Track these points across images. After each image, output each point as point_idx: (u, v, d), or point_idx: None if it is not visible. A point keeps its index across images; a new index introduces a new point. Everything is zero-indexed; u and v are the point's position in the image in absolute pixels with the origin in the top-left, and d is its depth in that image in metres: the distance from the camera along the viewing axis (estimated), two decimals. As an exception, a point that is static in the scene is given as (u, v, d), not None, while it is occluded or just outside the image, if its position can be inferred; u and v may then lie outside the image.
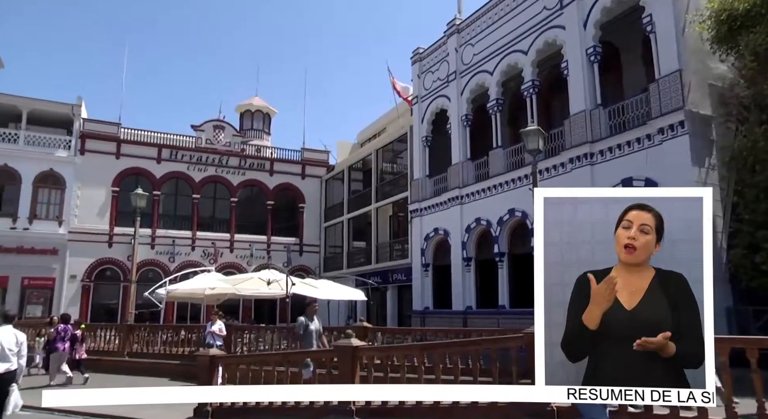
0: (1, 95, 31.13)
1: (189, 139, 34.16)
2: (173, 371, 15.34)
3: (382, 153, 31.23)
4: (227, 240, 33.67)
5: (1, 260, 28.35)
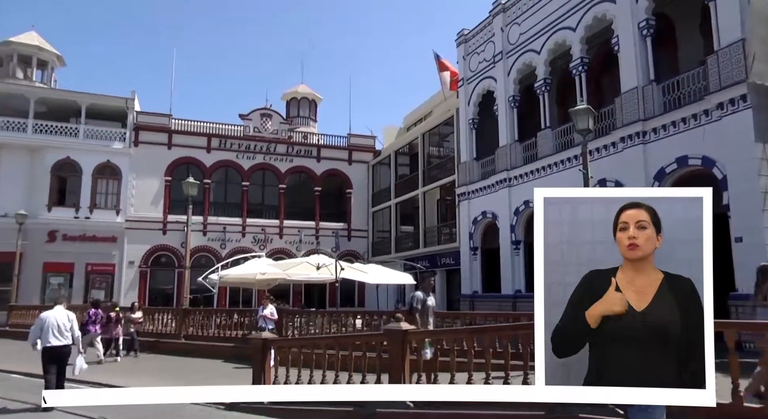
0: (63, 91, 32.87)
1: (237, 127, 34.79)
2: (227, 353, 15.79)
3: (429, 137, 31.04)
4: (276, 226, 34.24)
5: (66, 248, 29.91)
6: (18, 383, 11.99)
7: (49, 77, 34.58)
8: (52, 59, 34.47)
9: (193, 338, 18.02)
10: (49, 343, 9.15)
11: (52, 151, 30.61)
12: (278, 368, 9.89)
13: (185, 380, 12.27)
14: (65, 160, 30.81)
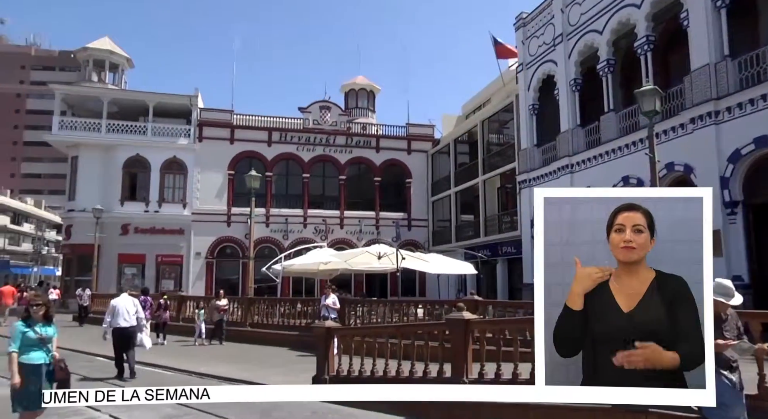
0: (132, 92, 34.60)
1: (297, 121, 35.36)
2: (292, 341, 16.11)
3: (488, 124, 30.60)
4: (337, 216, 34.66)
5: (138, 240, 31.44)
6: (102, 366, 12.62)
7: (120, 79, 36.21)
8: (122, 62, 36.08)
9: (258, 326, 18.51)
10: (119, 325, 11.00)
11: (123, 148, 32.15)
12: (341, 356, 10.04)
13: (253, 366, 12.62)
14: (135, 157, 32.30)
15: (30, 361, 5.98)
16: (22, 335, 6.04)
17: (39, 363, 6.01)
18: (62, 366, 6.16)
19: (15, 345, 5.96)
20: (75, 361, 12.50)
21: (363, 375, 9.43)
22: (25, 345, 6.00)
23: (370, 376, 9.30)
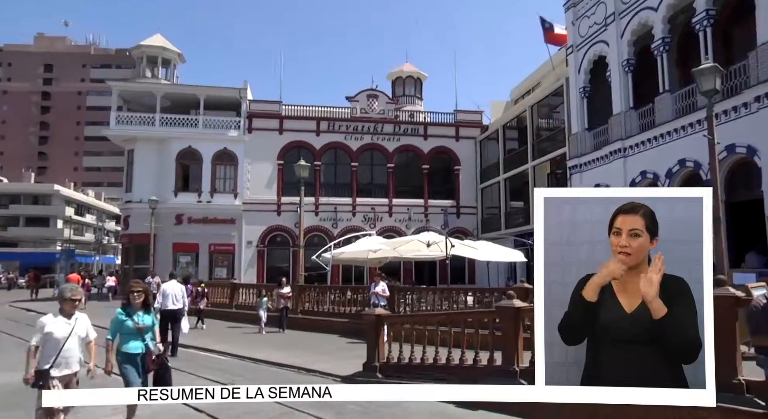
0: (183, 86, 35.64)
1: (345, 110, 35.53)
2: (342, 328, 16.29)
3: (537, 108, 29.99)
4: (386, 204, 34.74)
5: (192, 229, 32.36)
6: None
7: (172, 74, 37.15)
8: (174, 57, 36.98)
9: (309, 313, 18.79)
10: (167, 307, 12.40)
11: (176, 141, 33.07)
12: (391, 343, 10.09)
13: (304, 353, 12.82)
14: (187, 149, 33.19)
15: (127, 350, 5.94)
16: (120, 324, 6.00)
17: (136, 352, 5.96)
18: (157, 358, 6.07)
19: (113, 333, 5.98)
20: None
21: (413, 362, 9.45)
22: (123, 334, 5.96)
23: (420, 364, 9.32)
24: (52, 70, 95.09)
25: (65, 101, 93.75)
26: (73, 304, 5.64)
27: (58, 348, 5.32)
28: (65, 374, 5.32)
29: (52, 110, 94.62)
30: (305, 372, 10.96)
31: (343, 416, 7.06)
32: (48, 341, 5.36)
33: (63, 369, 5.31)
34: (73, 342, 5.46)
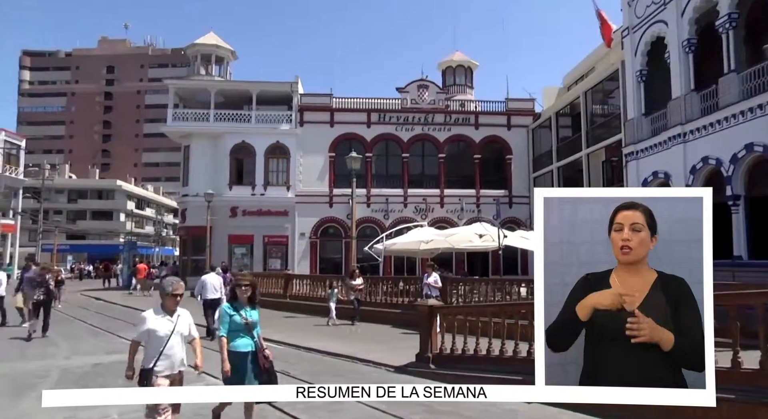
0: (236, 82, 36.43)
1: (395, 101, 35.53)
2: (395, 319, 16.38)
3: (591, 94, 29.19)
4: (437, 195, 34.62)
5: (246, 222, 33.19)
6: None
7: (225, 71, 38.01)
8: (227, 55, 37.83)
9: (362, 304, 18.93)
10: (207, 296, 13.69)
11: (230, 136, 33.90)
12: (444, 334, 10.09)
13: (357, 343, 12.97)
14: (241, 143, 33.98)
15: (236, 349, 5.58)
16: (229, 319, 5.64)
17: (246, 350, 5.60)
18: (267, 355, 5.70)
19: (224, 330, 5.61)
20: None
21: (466, 353, 9.43)
22: (231, 331, 5.61)
23: (473, 355, 9.29)
24: (113, 71, 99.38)
25: (126, 100, 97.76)
26: (175, 300, 5.28)
27: (161, 346, 5.08)
28: (169, 374, 5.10)
29: (114, 109, 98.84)
30: (359, 361, 11.09)
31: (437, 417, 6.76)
32: (150, 339, 5.14)
33: (167, 369, 5.09)
34: (176, 341, 5.19)
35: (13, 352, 11.76)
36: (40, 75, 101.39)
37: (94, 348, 12.58)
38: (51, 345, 12.76)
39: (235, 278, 6.21)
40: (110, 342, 13.48)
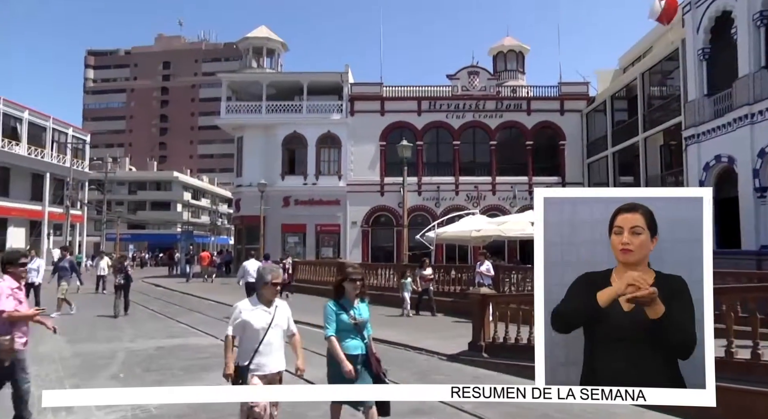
0: (287, 74, 37.02)
1: (446, 88, 35.28)
2: (447, 307, 16.37)
3: (649, 76, 28.15)
4: (489, 183, 34.28)
5: (299, 211, 33.82)
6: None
7: (276, 63, 38.58)
8: (277, 47, 38.39)
9: (413, 292, 18.95)
10: (248, 281, 14.88)
11: (282, 127, 34.48)
12: (497, 323, 10.03)
13: (410, 331, 13.03)
14: (293, 134, 34.53)
15: (346, 351, 4.88)
16: (336, 317, 4.97)
17: (356, 353, 4.92)
18: (378, 359, 5.03)
19: (332, 329, 4.92)
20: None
21: (519, 343, 9.35)
22: (338, 331, 4.94)
23: (527, 345, 9.20)
24: (169, 67, 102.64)
25: (181, 95, 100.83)
26: (275, 290, 4.73)
27: (257, 341, 4.52)
28: (267, 373, 4.53)
29: (170, 104, 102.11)
30: (411, 349, 11.15)
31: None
32: (245, 332, 4.56)
33: (264, 367, 4.52)
34: (274, 336, 4.62)
35: (84, 335, 12.40)
36: (103, 73, 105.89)
37: (155, 332, 13.11)
38: (116, 329, 13.41)
39: (344, 271, 5.20)
40: (170, 327, 14.07)
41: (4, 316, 5.24)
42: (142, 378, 8.30)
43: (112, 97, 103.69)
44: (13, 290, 5.43)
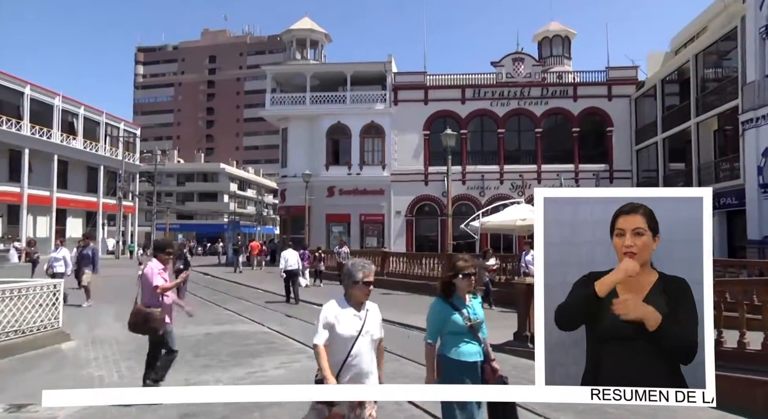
0: (331, 64, 37.31)
1: (490, 76, 34.83)
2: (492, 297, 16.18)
3: (703, 57, 27.02)
4: (534, 171, 33.75)
5: (343, 201, 34.05)
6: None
7: (320, 54, 38.82)
8: (321, 38, 38.60)
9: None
10: (288, 268, 17.17)
11: (326, 117, 34.71)
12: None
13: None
14: (337, 124, 34.74)
15: (460, 357, 4.13)
16: (443, 320, 4.18)
17: (474, 360, 4.16)
18: (496, 368, 4.23)
19: (433, 335, 4.20)
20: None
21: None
22: (451, 334, 4.17)
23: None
24: (215, 61, 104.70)
25: (227, 88, 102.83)
26: (367, 290, 3.92)
27: (345, 351, 3.81)
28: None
29: (216, 97, 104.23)
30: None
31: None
32: (333, 341, 3.82)
33: (354, 381, 3.81)
34: (365, 345, 3.87)
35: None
36: (152, 68, 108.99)
37: (203, 319, 13.41)
38: (166, 315, 13.77)
39: (455, 265, 4.30)
40: (217, 314, 14.46)
41: (159, 291, 6.63)
42: (192, 363, 8.53)
43: (161, 91, 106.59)
44: (160, 270, 6.77)
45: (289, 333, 11.20)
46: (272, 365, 8.61)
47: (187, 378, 7.57)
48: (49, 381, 7.54)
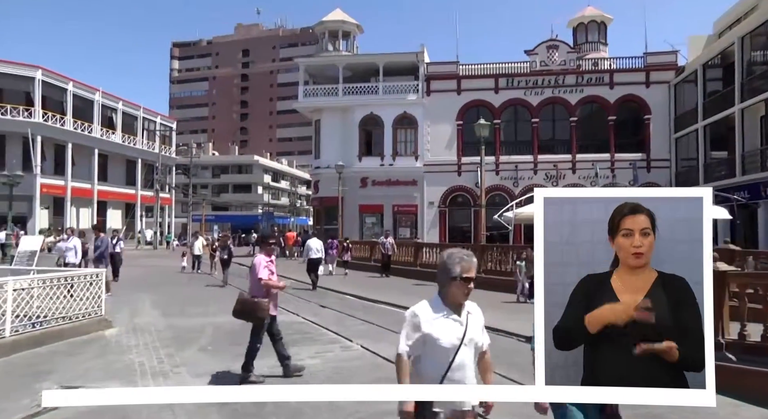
0: (363, 55, 37.37)
1: (524, 64, 34.34)
2: (527, 288, 16.04)
3: (750, 39, 25.96)
4: (569, 161, 33.24)
5: (376, 192, 34.09)
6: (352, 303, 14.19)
7: (352, 45, 38.86)
8: (353, 29, 38.62)
9: (491, 273, 18.81)
10: (311, 256, 18.23)
11: (358, 108, 34.77)
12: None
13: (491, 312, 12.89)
14: (369, 115, 34.76)
15: None
16: None
17: None
18: None
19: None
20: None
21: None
22: None
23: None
24: (248, 54, 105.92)
25: (260, 81, 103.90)
26: (467, 288, 3.21)
27: (445, 364, 3.09)
28: (459, 409, 3.10)
29: (249, 90, 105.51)
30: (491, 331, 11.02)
31: None
32: (427, 350, 3.11)
33: (455, 401, 3.08)
34: (467, 356, 3.17)
35: (175, 310, 13.13)
36: (187, 63, 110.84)
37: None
38: (202, 305, 14.09)
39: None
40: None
41: (262, 283, 6.94)
42: (229, 351, 8.69)
43: (196, 85, 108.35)
44: (267, 262, 7.07)
45: (324, 324, 11.31)
46: (307, 354, 8.76)
47: (229, 366, 7.84)
48: (96, 365, 7.89)
